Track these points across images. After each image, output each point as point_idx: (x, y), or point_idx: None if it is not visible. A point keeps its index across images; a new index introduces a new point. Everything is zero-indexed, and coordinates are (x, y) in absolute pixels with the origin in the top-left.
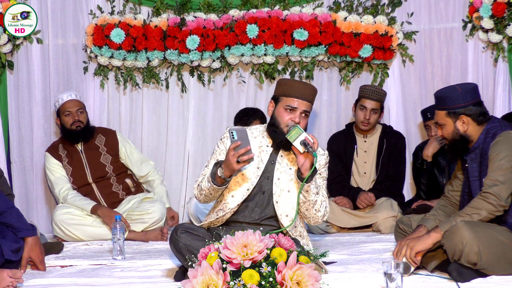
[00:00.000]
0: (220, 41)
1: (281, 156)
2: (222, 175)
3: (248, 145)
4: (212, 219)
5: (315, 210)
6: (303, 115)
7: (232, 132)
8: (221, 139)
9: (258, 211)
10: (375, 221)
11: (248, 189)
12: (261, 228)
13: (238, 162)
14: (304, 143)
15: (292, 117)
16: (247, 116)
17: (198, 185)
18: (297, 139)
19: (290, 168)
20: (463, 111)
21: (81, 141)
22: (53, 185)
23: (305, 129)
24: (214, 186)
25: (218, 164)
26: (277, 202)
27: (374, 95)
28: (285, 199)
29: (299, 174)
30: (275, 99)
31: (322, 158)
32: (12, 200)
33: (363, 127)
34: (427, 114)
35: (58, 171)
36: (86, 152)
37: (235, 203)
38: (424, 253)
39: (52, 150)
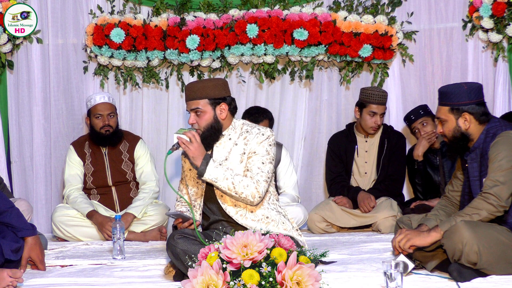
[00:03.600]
0: (220, 40)
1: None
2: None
3: (189, 219)
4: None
5: (235, 193)
6: (194, 113)
7: (170, 216)
8: (182, 158)
9: (218, 213)
10: (375, 221)
11: (202, 195)
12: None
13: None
14: (175, 144)
15: (188, 121)
16: (258, 114)
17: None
18: (174, 142)
19: (214, 161)
20: (467, 108)
21: (107, 145)
22: (65, 182)
23: (211, 125)
24: None
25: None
26: (222, 196)
27: (381, 99)
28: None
29: None
30: None
31: (256, 137)
32: None
33: (373, 132)
34: (411, 116)
35: (74, 168)
36: (110, 156)
37: (198, 213)
38: (418, 248)
39: (78, 145)
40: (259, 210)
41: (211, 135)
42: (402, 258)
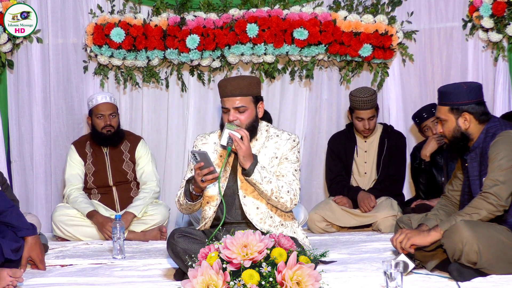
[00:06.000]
0: (220, 40)
1: None
2: (193, 192)
3: (211, 166)
4: (202, 226)
5: (275, 198)
6: (239, 110)
7: (194, 154)
8: (193, 148)
9: (239, 212)
10: (375, 221)
11: (221, 194)
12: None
13: (202, 181)
14: (228, 140)
15: (228, 118)
16: None
17: (178, 200)
18: (223, 137)
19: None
20: (466, 108)
21: (108, 145)
22: (65, 181)
23: (252, 123)
24: (189, 202)
25: (190, 181)
26: (244, 196)
27: (367, 104)
28: (250, 193)
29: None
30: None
31: (287, 143)
32: (17, 206)
33: (365, 134)
34: (423, 114)
35: (76, 168)
36: (111, 156)
37: (212, 211)
38: (418, 248)
39: (79, 145)
40: (278, 216)
41: (250, 133)
42: (402, 257)
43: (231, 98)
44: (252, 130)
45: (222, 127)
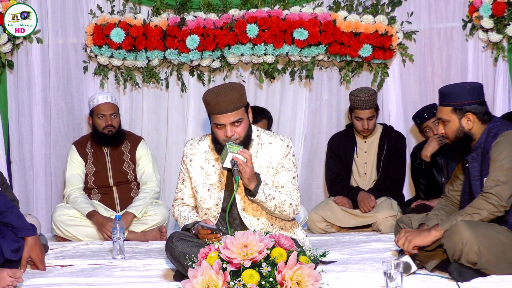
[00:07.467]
0: (220, 40)
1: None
2: (193, 233)
3: (216, 232)
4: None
5: (279, 212)
6: (235, 124)
7: (202, 226)
8: (183, 159)
9: (237, 222)
10: (375, 221)
11: (217, 205)
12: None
13: (206, 240)
14: (232, 163)
15: (224, 133)
16: (256, 114)
17: (177, 218)
18: (226, 160)
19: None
20: (469, 108)
21: (109, 145)
22: (66, 181)
23: (247, 132)
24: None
25: (189, 228)
26: (244, 209)
27: (366, 104)
28: (248, 205)
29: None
30: (209, 116)
31: (281, 150)
32: (17, 206)
33: (364, 134)
34: (424, 115)
35: (76, 168)
36: (112, 156)
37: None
38: (420, 248)
39: (79, 145)
40: (278, 222)
41: (247, 143)
42: (406, 258)
43: (228, 114)
44: (248, 138)
45: (216, 142)
